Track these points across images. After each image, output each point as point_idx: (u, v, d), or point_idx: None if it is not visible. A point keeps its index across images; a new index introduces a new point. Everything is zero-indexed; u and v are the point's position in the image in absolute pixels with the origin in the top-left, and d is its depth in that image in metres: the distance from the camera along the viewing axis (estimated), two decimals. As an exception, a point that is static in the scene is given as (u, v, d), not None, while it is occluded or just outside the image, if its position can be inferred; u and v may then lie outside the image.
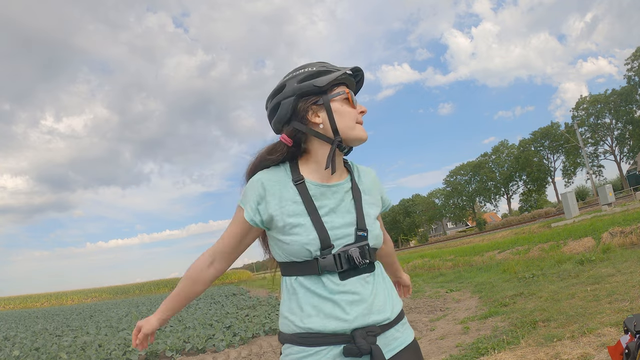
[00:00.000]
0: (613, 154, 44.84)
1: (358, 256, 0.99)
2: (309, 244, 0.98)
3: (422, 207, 63.23)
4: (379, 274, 1.07)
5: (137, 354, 5.92)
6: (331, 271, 0.98)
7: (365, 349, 0.92)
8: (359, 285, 0.99)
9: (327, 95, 1.05)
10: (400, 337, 1.04)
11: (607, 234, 8.62)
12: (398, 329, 1.04)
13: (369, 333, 0.95)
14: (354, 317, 0.96)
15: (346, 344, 0.94)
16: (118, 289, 52.58)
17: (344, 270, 0.98)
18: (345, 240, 1.01)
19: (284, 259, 1.03)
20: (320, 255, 0.98)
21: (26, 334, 10.22)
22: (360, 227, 1.03)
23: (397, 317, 1.05)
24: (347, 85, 1.10)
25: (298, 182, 1.05)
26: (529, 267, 8.17)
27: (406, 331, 1.07)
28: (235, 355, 5.60)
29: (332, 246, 0.99)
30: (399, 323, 1.05)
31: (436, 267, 13.47)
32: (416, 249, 31.84)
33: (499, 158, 53.71)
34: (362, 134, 1.08)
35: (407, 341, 1.05)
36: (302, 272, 1.00)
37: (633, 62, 40.89)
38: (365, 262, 1.00)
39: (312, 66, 1.07)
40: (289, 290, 1.02)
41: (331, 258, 0.98)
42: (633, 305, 3.85)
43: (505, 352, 3.50)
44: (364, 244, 1.02)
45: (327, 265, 0.97)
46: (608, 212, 13.66)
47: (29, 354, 6.77)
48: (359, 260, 0.98)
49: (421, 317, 6.13)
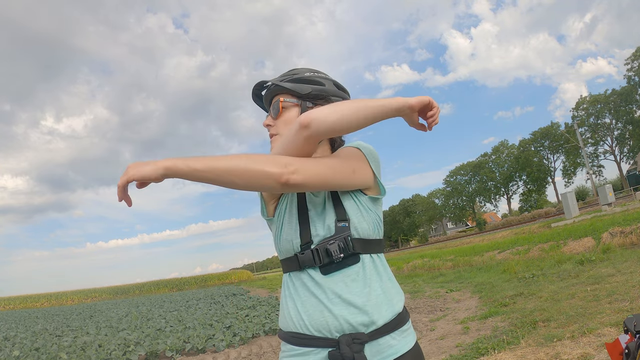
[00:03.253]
0: (613, 154, 44.85)
1: (336, 249, 0.95)
2: (288, 239, 1.00)
3: (422, 207, 63.22)
4: (372, 267, 0.99)
5: (137, 354, 5.92)
6: (312, 266, 0.96)
7: (348, 357, 0.88)
8: (340, 281, 0.95)
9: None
10: (397, 345, 0.95)
11: (607, 234, 8.61)
12: (394, 337, 0.95)
13: (355, 340, 0.90)
14: (334, 313, 0.92)
15: (332, 348, 0.91)
16: (118, 289, 52.50)
17: (324, 265, 0.95)
18: (325, 233, 0.98)
19: (279, 255, 1.05)
20: (300, 251, 0.97)
21: (26, 334, 10.21)
22: (340, 218, 0.99)
23: (392, 322, 0.96)
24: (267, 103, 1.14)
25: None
26: (529, 267, 8.17)
27: (405, 338, 0.98)
28: (235, 355, 5.60)
29: (311, 241, 0.97)
30: (396, 330, 0.96)
31: (436, 267, 13.47)
32: (416, 249, 31.84)
33: (499, 158, 53.70)
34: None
35: (404, 349, 0.96)
36: (290, 269, 1.00)
37: (633, 62, 40.88)
38: (340, 256, 0.95)
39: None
40: (283, 287, 1.04)
41: (309, 253, 0.96)
42: (633, 305, 3.85)
43: (505, 352, 3.50)
44: (344, 235, 0.97)
45: (306, 260, 0.96)
46: (608, 212, 13.66)
47: (29, 354, 6.77)
48: (336, 254, 0.95)
49: (421, 317, 6.13)
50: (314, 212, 1.01)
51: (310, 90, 1.06)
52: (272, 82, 1.08)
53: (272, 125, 1.08)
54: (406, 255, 21.02)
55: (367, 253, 0.99)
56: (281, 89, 1.07)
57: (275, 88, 1.08)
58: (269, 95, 1.11)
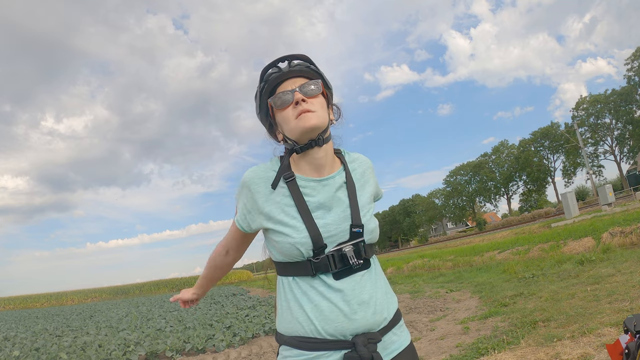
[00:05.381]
0: (613, 154, 44.84)
1: (352, 255, 0.95)
2: (299, 244, 0.95)
3: (422, 207, 63.22)
4: (375, 271, 1.03)
5: (137, 354, 5.92)
6: (325, 272, 0.95)
7: (366, 357, 0.90)
8: (354, 284, 0.95)
9: (268, 114, 1.09)
10: (398, 341, 1.01)
11: (607, 234, 8.61)
12: (395, 332, 1.01)
13: (370, 340, 0.93)
14: (352, 318, 0.93)
15: (347, 350, 0.92)
16: (118, 289, 52.51)
17: (338, 271, 0.95)
18: (339, 237, 0.97)
19: (279, 258, 1.01)
20: (313, 256, 0.95)
21: (26, 334, 10.21)
22: (355, 223, 0.98)
23: (394, 319, 1.02)
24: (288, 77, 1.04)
25: (289, 179, 1.01)
26: (529, 267, 8.17)
27: (403, 333, 1.04)
28: (235, 355, 5.60)
29: (324, 246, 0.95)
30: (396, 326, 1.02)
31: (436, 267, 13.46)
32: (416, 249, 31.83)
33: (499, 158, 53.68)
34: (301, 126, 0.98)
35: (404, 344, 1.02)
36: (297, 273, 0.97)
37: (633, 62, 40.88)
38: (360, 262, 0.95)
39: (259, 82, 1.07)
40: (285, 291, 0.99)
41: (325, 259, 0.94)
42: (633, 305, 3.85)
43: (505, 352, 3.50)
44: (359, 241, 0.97)
45: (321, 266, 0.94)
46: (608, 212, 13.65)
47: (29, 354, 6.77)
48: (353, 260, 0.94)
49: (421, 317, 6.13)
50: (328, 217, 0.99)
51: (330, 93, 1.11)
52: (316, 69, 1.07)
53: (307, 102, 1.01)
54: (406, 255, 21.02)
55: (371, 257, 1.03)
56: (320, 77, 1.07)
57: (317, 72, 1.07)
58: (309, 71, 1.05)
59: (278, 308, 1.02)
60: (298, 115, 0.99)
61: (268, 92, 1.05)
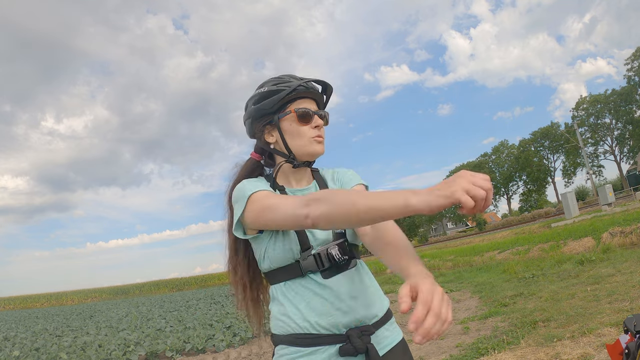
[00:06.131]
0: (613, 154, 44.86)
1: (337, 253, 1.01)
2: (287, 248, 1.00)
3: (422, 207, 63.12)
4: (363, 271, 1.07)
5: (137, 354, 5.92)
6: (314, 271, 1.00)
7: (361, 348, 0.93)
8: (344, 281, 1.00)
9: (277, 116, 1.09)
10: (391, 336, 1.05)
11: (607, 234, 8.62)
12: (387, 328, 1.05)
13: (364, 332, 0.96)
14: (344, 310, 0.97)
15: (341, 343, 0.95)
16: (118, 289, 52.52)
17: (326, 269, 1.00)
18: (323, 238, 1.03)
19: (269, 267, 1.04)
20: (301, 257, 1.00)
21: (26, 334, 10.22)
22: None
23: (385, 316, 1.05)
24: (309, 97, 1.10)
25: (280, 190, 1.09)
26: (529, 267, 8.17)
27: (395, 330, 1.08)
28: (235, 355, 5.60)
29: (311, 247, 1.01)
30: (387, 322, 1.06)
31: (436, 267, 13.47)
32: (416, 249, 31.75)
33: (499, 158, 53.70)
34: (314, 150, 1.09)
35: (397, 340, 1.05)
36: (288, 277, 1.01)
37: (633, 62, 40.91)
38: (345, 258, 1.01)
39: (266, 85, 1.10)
40: (279, 296, 1.03)
41: (311, 258, 0.99)
42: (633, 305, 3.86)
43: (505, 352, 3.50)
44: (342, 241, 1.04)
45: (309, 265, 0.99)
46: (608, 212, 13.65)
47: (29, 354, 6.77)
48: (338, 257, 1.00)
49: (421, 317, 6.13)
50: None
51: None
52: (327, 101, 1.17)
53: (322, 129, 1.12)
54: (406, 255, 20.98)
55: (357, 257, 1.08)
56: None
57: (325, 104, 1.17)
58: (321, 98, 1.15)
59: (272, 310, 1.06)
60: (314, 138, 1.09)
61: (289, 99, 1.08)
